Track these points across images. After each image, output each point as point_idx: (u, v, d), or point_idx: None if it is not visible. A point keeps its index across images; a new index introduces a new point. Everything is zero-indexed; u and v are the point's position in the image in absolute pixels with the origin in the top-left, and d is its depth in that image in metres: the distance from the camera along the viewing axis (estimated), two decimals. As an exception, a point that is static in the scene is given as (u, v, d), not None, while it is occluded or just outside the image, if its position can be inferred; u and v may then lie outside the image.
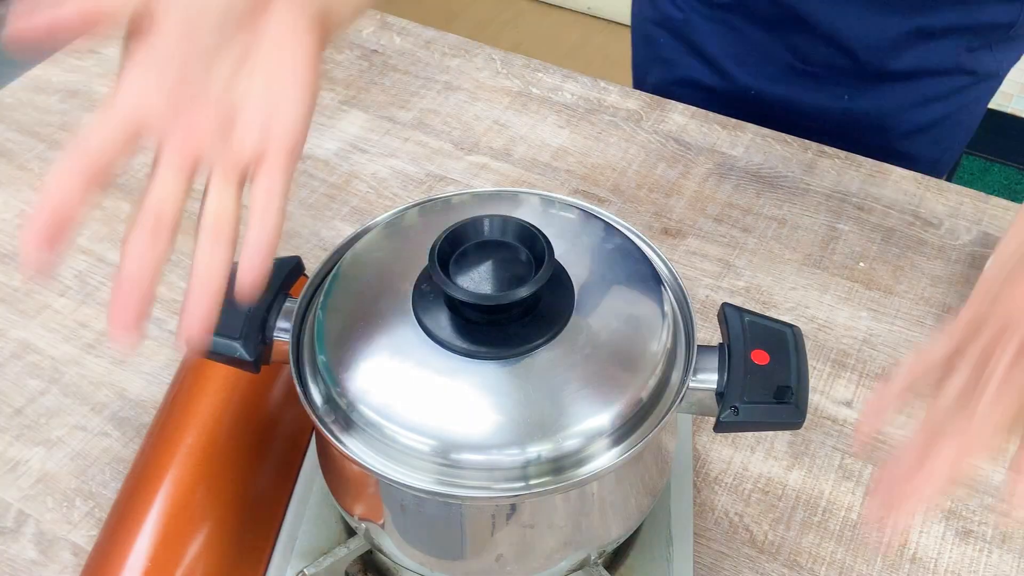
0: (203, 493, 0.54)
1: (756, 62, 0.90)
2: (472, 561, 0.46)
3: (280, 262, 0.49)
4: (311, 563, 0.52)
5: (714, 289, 0.73)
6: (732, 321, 0.47)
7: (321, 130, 0.86)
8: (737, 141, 0.85)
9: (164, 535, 0.52)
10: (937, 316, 0.71)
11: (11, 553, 0.58)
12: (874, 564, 0.58)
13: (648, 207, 0.79)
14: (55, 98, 0.89)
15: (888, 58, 0.84)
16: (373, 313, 0.45)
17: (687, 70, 0.94)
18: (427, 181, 0.82)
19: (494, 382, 0.42)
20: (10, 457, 0.63)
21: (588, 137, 0.85)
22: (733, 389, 0.44)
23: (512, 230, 0.44)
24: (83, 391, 0.66)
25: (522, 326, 0.43)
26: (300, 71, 0.42)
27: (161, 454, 0.56)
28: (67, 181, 0.35)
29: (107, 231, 0.77)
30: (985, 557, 0.58)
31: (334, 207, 0.79)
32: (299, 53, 0.42)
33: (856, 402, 0.66)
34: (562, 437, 0.41)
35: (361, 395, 0.42)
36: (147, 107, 0.38)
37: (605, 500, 0.46)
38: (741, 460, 0.63)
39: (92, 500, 0.61)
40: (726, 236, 0.77)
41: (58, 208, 0.35)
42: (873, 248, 0.76)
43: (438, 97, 0.89)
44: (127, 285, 0.37)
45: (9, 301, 0.72)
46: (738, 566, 0.58)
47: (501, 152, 0.84)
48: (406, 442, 0.41)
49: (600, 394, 0.42)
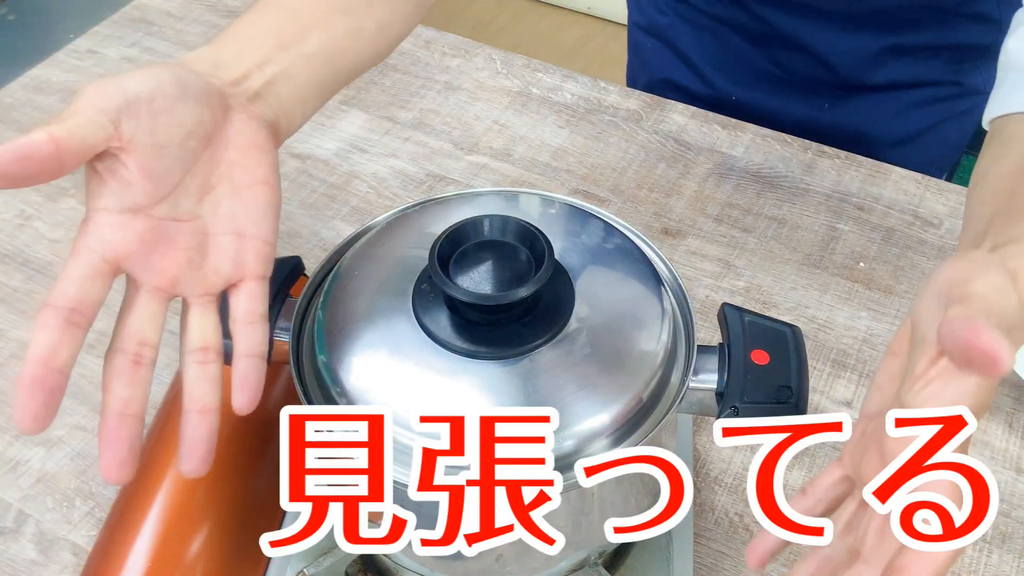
0: (203, 493, 0.54)
1: (738, 70, 0.91)
2: (472, 561, 0.46)
3: (280, 262, 0.49)
4: (311, 563, 0.52)
5: (714, 289, 0.73)
6: (732, 321, 0.47)
7: (321, 130, 0.86)
8: (737, 141, 0.85)
9: (164, 535, 0.52)
10: (937, 316, 0.71)
11: (11, 553, 0.58)
12: (874, 564, 0.58)
13: (648, 207, 0.79)
14: (55, 98, 0.89)
15: (867, 72, 0.86)
16: (373, 313, 0.45)
17: (671, 75, 0.95)
18: (427, 181, 0.82)
19: (494, 382, 0.42)
20: (10, 457, 0.63)
21: (588, 137, 0.85)
22: (733, 389, 0.44)
23: (512, 230, 0.44)
24: (83, 391, 0.66)
25: (522, 326, 0.43)
26: (263, 178, 0.42)
27: (161, 454, 0.56)
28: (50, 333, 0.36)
29: (107, 231, 0.77)
30: (985, 557, 0.58)
31: (334, 207, 0.79)
32: (262, 161, 0.42)
33: (856, 402, 0.66)
34: (562, 437, 0.41)
35: (361, 395, 0.42)
36: (118, 250, 0.38)
37: (605, 500, 0.46)
38: (741, 460, 0.63)
39: (92, 500, 0.61)
40: (726, 236, 0.77)
41: (47, 359, 0.36)
42: (873, 248, 0.76)
43: (438, 97, 0.89)
44: (115, 422, 0.38)
45: (9, 301, 0.72)
46: (738, 566, 0.58)
47: (501, 152, 0.84)
48: (405, 442, 0.41)
49: (600, 394, 0.42)
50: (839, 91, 0.88)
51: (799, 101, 0.90)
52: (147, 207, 0.39)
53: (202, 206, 0.41)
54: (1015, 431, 0.64)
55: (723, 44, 0.90)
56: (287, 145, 0.84)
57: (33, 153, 0.36)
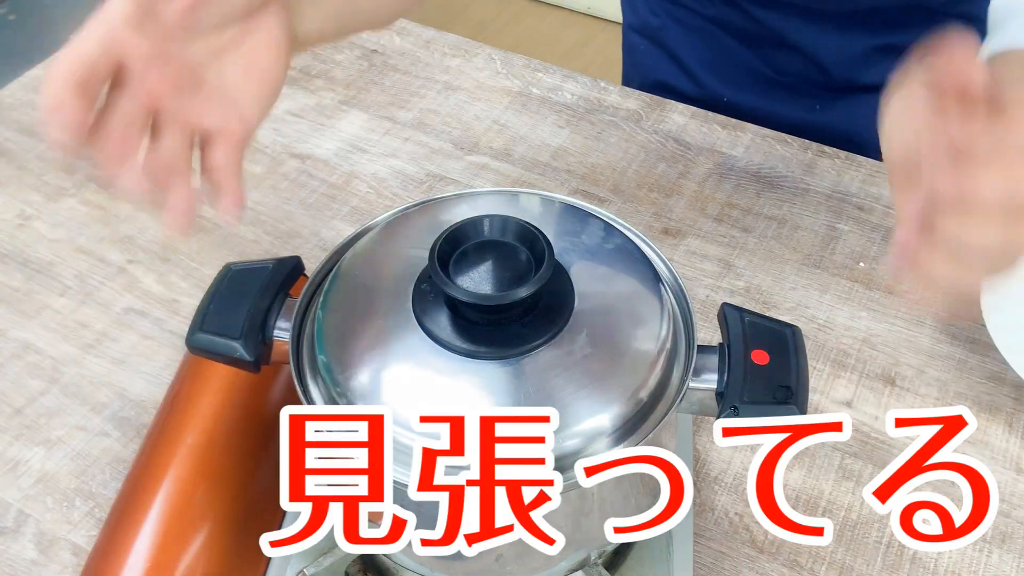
0: (203, 493, 0.54)
1: (730, 71, 0.91)
2: (472, 561, 0.46)
3: (280, 262, 0.50)
4: (311, 563, 0.52)
5: (714, 289, 0.73)
6: (732, 321, 0.47)
7: (321, 130, 0.86)
8: (737, 141, 0.85)
9: (164, 535, 0.52)
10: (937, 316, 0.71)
11: (11, 553, 0.58)
12: (874, 564, 0.58)
13: (648, 207, 0.79)
14: (55, 98, 0.89)
15: (858, 71, 0.86)
16: (373, 313, 0.45)
17: (664, 76, 0.95)
18: (427, 181, 0.82)
19: (494, 382, 0.42)
20: (10, 457, 0.63)
21: (588, 137, 0.85)
22: (733, 389, 0.44)
23: (512, 230, 0.44)
24: (83, 391, 0.66)
25: (522, 326, 0.43)
26: (272, 74, 0.46)
27: (161, 454, 0.56)
28: (61, 86, 0.39)
29: (107, 231, 0.77)
30: (985, 557, 0.58)
31: (334, 207, 0.79)
32: (277, 60, 0.46)
33: (856, 402, 0.66)
34: (562, 437, 0.41)
35: (361, 395, 0.42)
36: (126, 38, 0.40)
37: (605, 500, 0.46)
38: (741, 460, 0.63)
39: (92, 500, 0.61)
40: (726, 236, 0.77)
41: (60, 102, 0.39)
42: (873, 248, 0.76)
43: (438, 97, 0.89)
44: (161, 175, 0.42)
45: (9, 301, 0.72)
46: (738, 566, 0.58)
47: (501, 152, 0.84)
48: (405, 442, 0.41)
49: (600, 394, 0.42)
50: (830, 92, 0.89)
51: (790, 103, 0.91)
52: (172, 26, 0.41)
53: (216, 62, 0.44)
54: (1015, 431, 0.64)
55: (715, 45, 0.90)
56: (287, 145, 0.84)
57: None
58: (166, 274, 0.73)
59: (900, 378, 0.67)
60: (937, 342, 0.69)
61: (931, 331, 0.70)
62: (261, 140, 0.85)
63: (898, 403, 0.66)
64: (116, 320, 0.70)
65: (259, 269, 0.49)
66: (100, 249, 0.75)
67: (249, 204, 0.79)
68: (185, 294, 0.71)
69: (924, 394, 0.66)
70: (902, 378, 0.67)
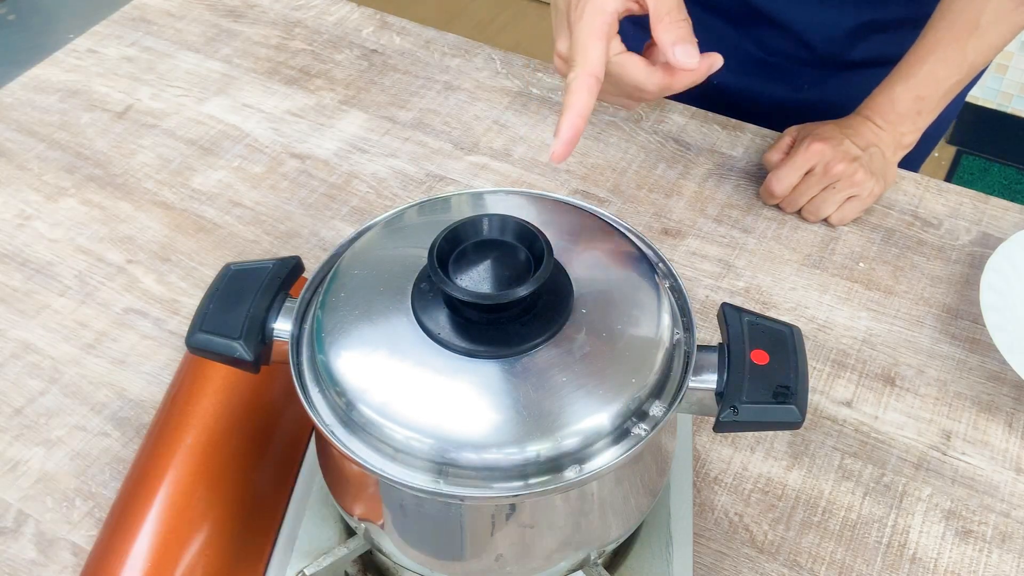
0: (203, 493, 0.54)
1: (716, 52, 0.91)
2: (472, 561, 0.46)
3: (280, 262, 0.50)
4: (311, 563, 0.52)
5: (714, 289, 0.73)
6: (732, 321, 0.47)
7: (321, 130, 0.86)
8: (737, 141, 0.85)
9: (164, 535, 0.52)
10: (937, 316, 0.71)
11: (11, 553, 0.58)
12: (874, 564, 0.58)
13: (648, 207, 0.79)
14: (55, 98, 0.89)
15: (845, 49, 0.87)
16: (373, 313, 0.45)
17: None
18: (427, 181, 0.82)
19: (493, 381, 0.42)
20: (10, 457, 0.63)
21: (588, 137, 0.85)
22: (733, 389, 0.44)
23: (511, 229, 0.44)
24: (83, 391, 0.66)
25: (521, 325, 0.43)
26: None
27: (161, 454, 0.56)
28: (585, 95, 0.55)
29: (107, 231, 0.77)
30: (985, 557, 0.58)
31: (334, 207, 0.79)
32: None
33: (856, 402, 0.66)
34: (561, 437, 0.41)
35: (361, 395, 0.42)
36: None
37: (605, 500, 0.46)
38: (741, 460, 0.63)
39: (92, 500, 0.61)
40: (726, 236, 0.77)
41: (585, 113, 0.54)
42: (873, 248, 0.76)
43: (438, 97, 0.89)
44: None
45: (9, 301, 0.72)
46: (738, 566, 0.58)
47: (501, 152, 0.84)
48: (405, 441, 0.41)
49: (600, 394, 0.42)
50: (818, 69, 0.89)
51: (778, 82, 0.91)
52: None
53: None
54: (1015, 431, 0.64)
55: (700, 26, 0.90)
56: (287, 145, 0.84)
57: None
58: (166, 274, 0.73)
59: (900, 378, 0.67)
60: (937, 342, 0.69)
61: (931, 331, 0.70)
62: (261, 140, 0.85)
63: (898, 403, 0.66)
64: (116, 320, 0.70)
65: (259, 269, 0.49)
66: (100, 249, 0.76)
67: (249, 204, 0.79)
68: (185, 294, 0.71)
69: (924, 394, 0.66)
70: (902, 378, 0.67)
